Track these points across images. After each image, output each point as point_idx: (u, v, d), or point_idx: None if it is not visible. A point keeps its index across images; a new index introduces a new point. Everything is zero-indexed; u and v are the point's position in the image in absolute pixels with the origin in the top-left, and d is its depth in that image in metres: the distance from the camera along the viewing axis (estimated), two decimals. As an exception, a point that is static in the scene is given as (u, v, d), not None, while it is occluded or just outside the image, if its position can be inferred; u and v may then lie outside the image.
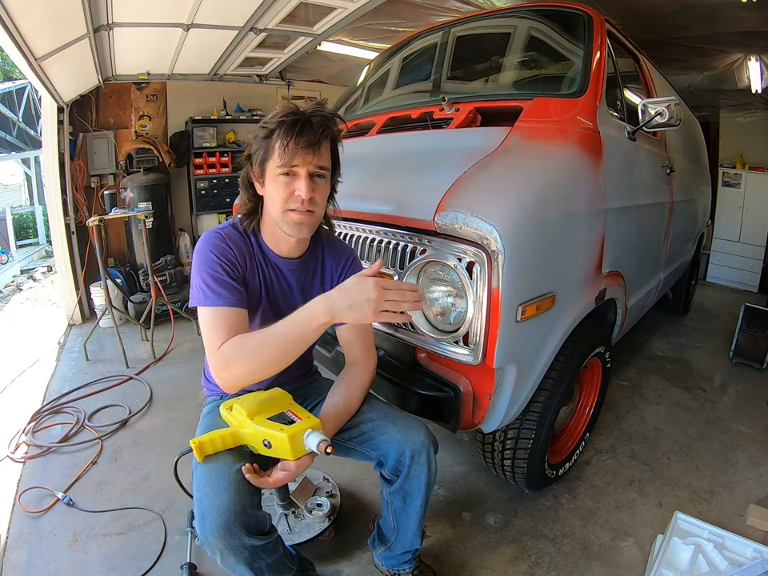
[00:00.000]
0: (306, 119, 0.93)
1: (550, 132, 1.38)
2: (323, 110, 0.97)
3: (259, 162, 0.98)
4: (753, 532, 1.47)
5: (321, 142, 0.96)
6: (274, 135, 0.94)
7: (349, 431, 1.10)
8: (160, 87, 3.97)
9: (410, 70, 2.20)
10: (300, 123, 0.92)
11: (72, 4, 2.04)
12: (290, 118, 0.93)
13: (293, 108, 0.96)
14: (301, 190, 0.95)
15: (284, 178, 0.95)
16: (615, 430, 2.05)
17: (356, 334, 1.13)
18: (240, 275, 1.01)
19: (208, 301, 0.96)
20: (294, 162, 0.94)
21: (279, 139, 0.93)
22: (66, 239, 3.42)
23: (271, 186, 0.98)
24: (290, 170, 0.95)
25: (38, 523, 1.53)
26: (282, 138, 0.92)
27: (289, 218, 0.98)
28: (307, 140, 0.93)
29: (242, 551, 0.88)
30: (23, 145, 8.99)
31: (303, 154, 0.94)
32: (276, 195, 0.97)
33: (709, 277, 4.79)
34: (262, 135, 0.97)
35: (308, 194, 0.95)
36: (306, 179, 0.95)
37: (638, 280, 1.97)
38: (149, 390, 2.42)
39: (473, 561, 1.39)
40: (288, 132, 0.92)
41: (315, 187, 0.97)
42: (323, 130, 0.95)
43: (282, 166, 0.94)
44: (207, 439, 0.94)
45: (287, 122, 0.93)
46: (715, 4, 2.44)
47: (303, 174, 0.95)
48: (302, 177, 0.95)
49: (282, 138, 0.92)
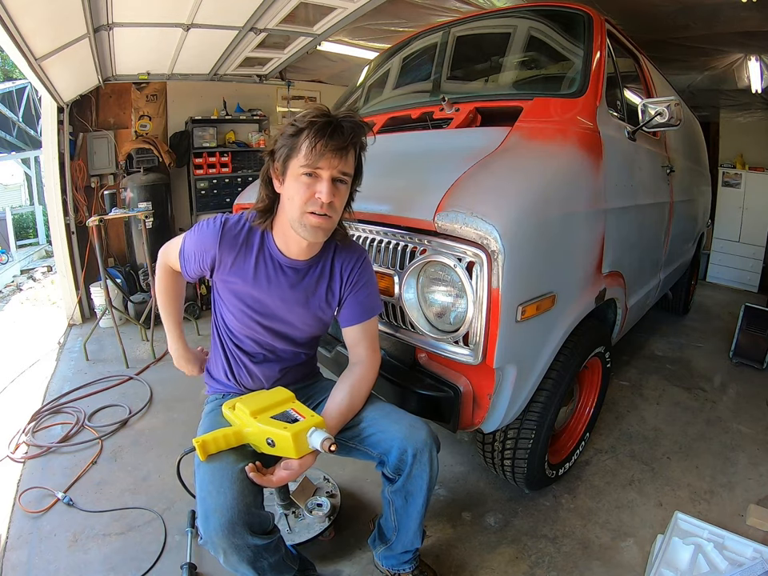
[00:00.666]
0: (338, 123, 0.93)
1: (549, 132, 1.38)
2: (355, 117, 0.98)
3: (283, 159, 0.97)
4: (753, 532, 1.47)
5: (349, 148, 0.96)
6: (302, 134, 0.94)
7: (351, 430, 1.10)
8: (160, 87, 3.97)
9: (410, 70, 2.20)
10: (332, 126, 0.92)
11: (72, 4, 2.04)
12: (322, 119, 0.93)
13: (325, 110, 0.96)
14: (322, 192, 0.95)
15: (306, 178, 0.95)
16: (615, 430, 2.05)
17: (364, 335, 1.13)
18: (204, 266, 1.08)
19: (175, 254, 1.13)
20: (320, 164, 0.93)
21: (308, 139, 0.92)
22: (65, 239, 3.43)
23: (292, 184, 0.97)
24: (313, 171, 0.94)
25: (37, 523, 1.53)
26: (311, 139, 0.92)
27: (307, 220, 0.97)
28: (336, 144, 0.92)
29: (245, 550, 0.88)
30: (23, 145, 8.99)
31: (330, 158, 0.93)
32: (296, 195, 0.96)
33: (709, 277, 4.79)
34: (289, 133, 0.96)
35: (329, 197, 0.95)
36: (328, 182, 0.95)
37: (638, 280, 1.97)
38: (149, 390, 2.42)
39: (473, 561, 1.39)
40: (318, 133, 0.92)
41: (336, 192, 0.97)
42: (353, 136, 0.95)
43: (306, 165, 0.94)
44: (210, 438, 0.95)
45: (319, 123, 0.92)
46: (715, 4, 2.44)
47: (326, 177, 0.95)
48: (324, 180, 0.95)
49: (311, 139, 0.92)
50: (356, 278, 1.12)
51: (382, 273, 1.30)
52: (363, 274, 1.13)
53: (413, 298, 1.23)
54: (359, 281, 1.12)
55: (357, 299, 1.12)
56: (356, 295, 1.12)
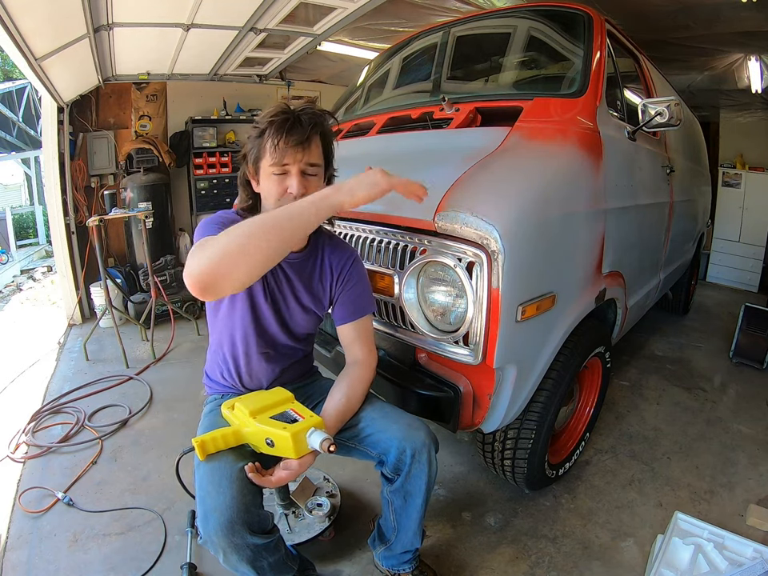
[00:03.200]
0: (296, 117, 0.96)
1: (550, 132, 1.38)
2: (313, 108, 1.00)
3: (253, 161, 1.01)
4: (753, 532, 1.47)
5: (311, 139, 0.98)
6: (265, 134, 0.97)
7: (350, 430, 1.10)
8: (160, 87, 3.96)
9: (409, 70, 2.19)
10: (289, 122, 0.95)
11: (72, 4, 2.04)
12: (280, 117, 0.96)
13: (283, 107, 0.98)
14: (292, 186, 0.98)
15: (276, 176, 0.98)
16: (615, 430, 2.05)
17: (358, 334, 1.14)
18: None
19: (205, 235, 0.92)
20: (285, 160, 0.97)
21: (270, 138, 0.95)
22: (65, 239, 3.43)
23: (265, 183, 1.01)
24: (281, 168, 0.97)
25: (37, 523, 1.53)
26: (272, 137, 0.95)
27: None
28: (296, 138, 0.95)
29: (244, 550, 0.88)
30: (23, 145, 8.99)
31: (293, 152, 0.96)
32: (269, 193, 1.00)
33: (709, 277, 4.79)
34: (255, 135, 1.00)
35: (299, 190, 0.98)
36: (297, 176, 0.98)
37: (638, 280, 1.97)
38: (149, 390, 2.42)
39: (473, 561, 1.39)
40: (278, 131, 0.95)
41: (307, 184, 1.00)
42: (312, 127, 0.98)
43: (273, 164, 0.97)
44: (209, 438, 0.95)
45: (277, 121, 0.95)
46: (715, 4, 2.44)
47: (294, 172, 0.98)
48: (293, 174, 0.98)
49: (272, 137, 0.95)
50: (348, 277, 1.13)
51: (382, 273, 1.30)
52: (355, 273, 1.14)
53: (413, 297, 1.23)
54: (351, 279, 1.14)
55: (349, 298, 1.14)
56: (348, 294, 1.14)
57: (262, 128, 0.97)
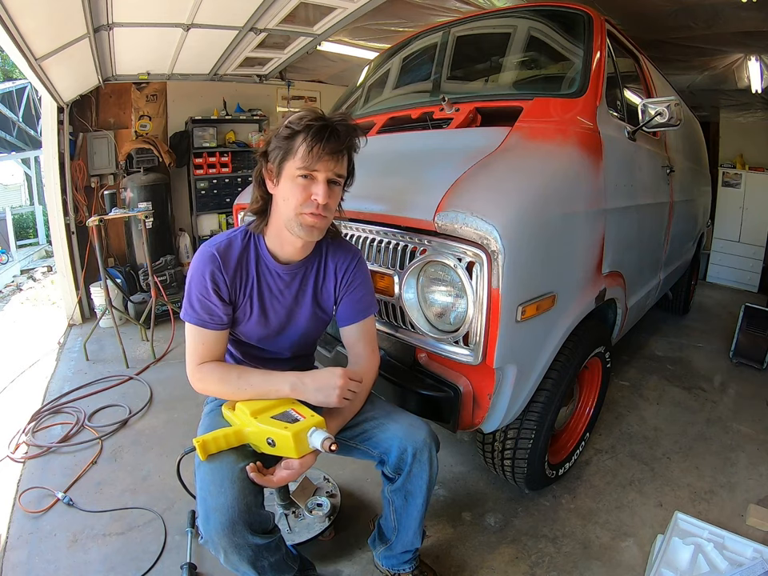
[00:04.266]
0: (334, 127, 0.95)
1: (550, 132, 1.38)
2: (349, 121, 1.00)
3: (278, 161, 0.98)
4: (753, 532, 1.47)
5: (344, 151, 0.98)
6: (299, 137, 0.95)
7: (351, 429, 1.10)
8: (160, 87, 3.97)
9: (410, 70, 2.19)
10: (328, 130, 0.94)
11: (72, 4, 2.04)
12: (318, 123, 0.94)
13: (319, 113, 0.97)
14: (318, 194, 0.96)
15: (303, 180, 0.96)
16: (615, 430, 2.05)
17: (361, 334, 1.14)
18: (227, 297, 1.03)
19: (193, 320, 1.03)
20: (317, 166, 0.95)
21: (305, 142, 0.93)
22: (66, 239, 3.43)
23: (287, 185, 0.98)
24: (310, 173, 0.96)
25: (38, 523, 1.53)
26: (308, 142, 0.93)
27: (303, 219, 0.98)
28: (332, 147, 0.94)
29: (245, 550, 0.88)
30: (23, 145, 9.00)
31: (326, 161, 0.95)
32: (291, 196, 0.97)
33: (709, 277, 4.79)
34: (284, 135, 0.96)
35: (325, 198, 0.97)
36: (324, 184, 0.97)
37: (638, 280, 1.97)
38: (149, 390, 2.42)
39: (473, 561, 1.39)
40: (316, 137, 0.93)
41: (331, 193, 0.99)
42: (348, 140, 0.98)
43: (303, 168, 0.95)
44: (211, 438, 0.95)
45: (315, 127, 0.93)
46: (715, 4, 2.45)
47: (322, 180, 0.97)
48: (320, 182, 0.97)
49: (308, 142, 0.93)
50: (351, 278, 1.13)
51: (382, 273, 1.30)
52: (358, 274, 1.14)
53: (413, 297, 1.23)
54: (354, 280, 1.13)
55: (353, 299, 1.13)
56: (352, 295, 1.13)
57: (297, 130, 0.95)
